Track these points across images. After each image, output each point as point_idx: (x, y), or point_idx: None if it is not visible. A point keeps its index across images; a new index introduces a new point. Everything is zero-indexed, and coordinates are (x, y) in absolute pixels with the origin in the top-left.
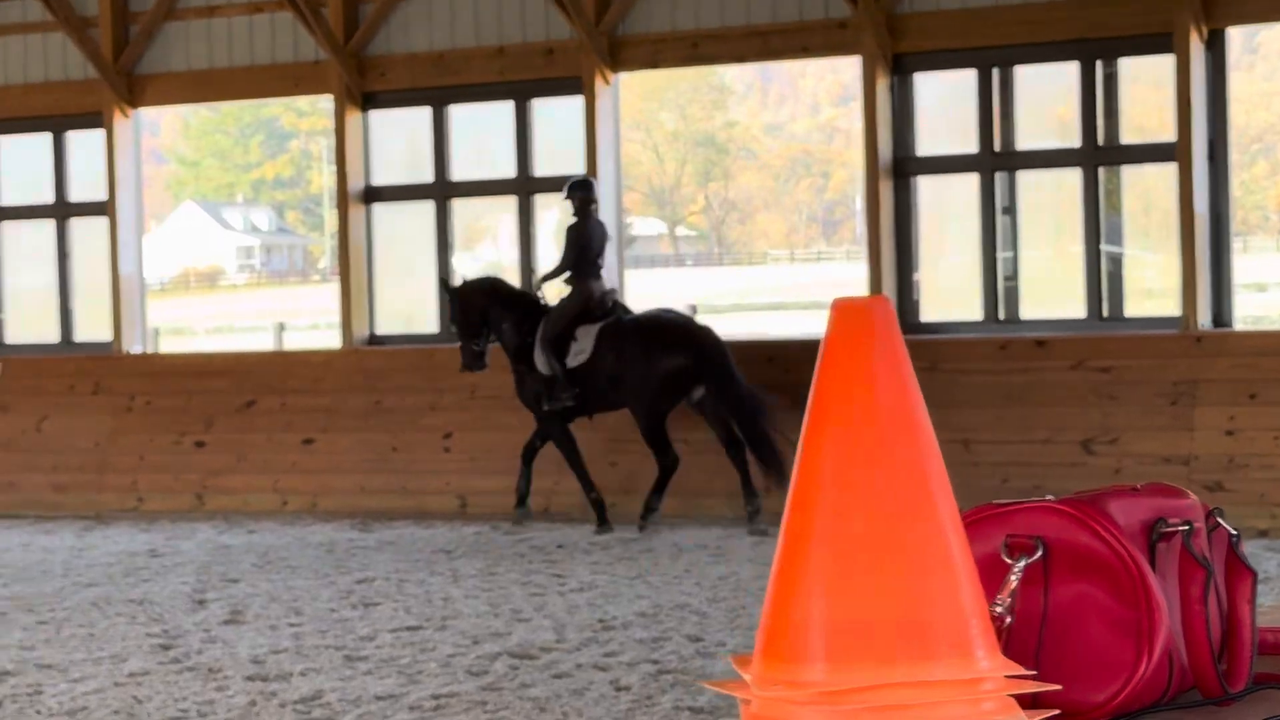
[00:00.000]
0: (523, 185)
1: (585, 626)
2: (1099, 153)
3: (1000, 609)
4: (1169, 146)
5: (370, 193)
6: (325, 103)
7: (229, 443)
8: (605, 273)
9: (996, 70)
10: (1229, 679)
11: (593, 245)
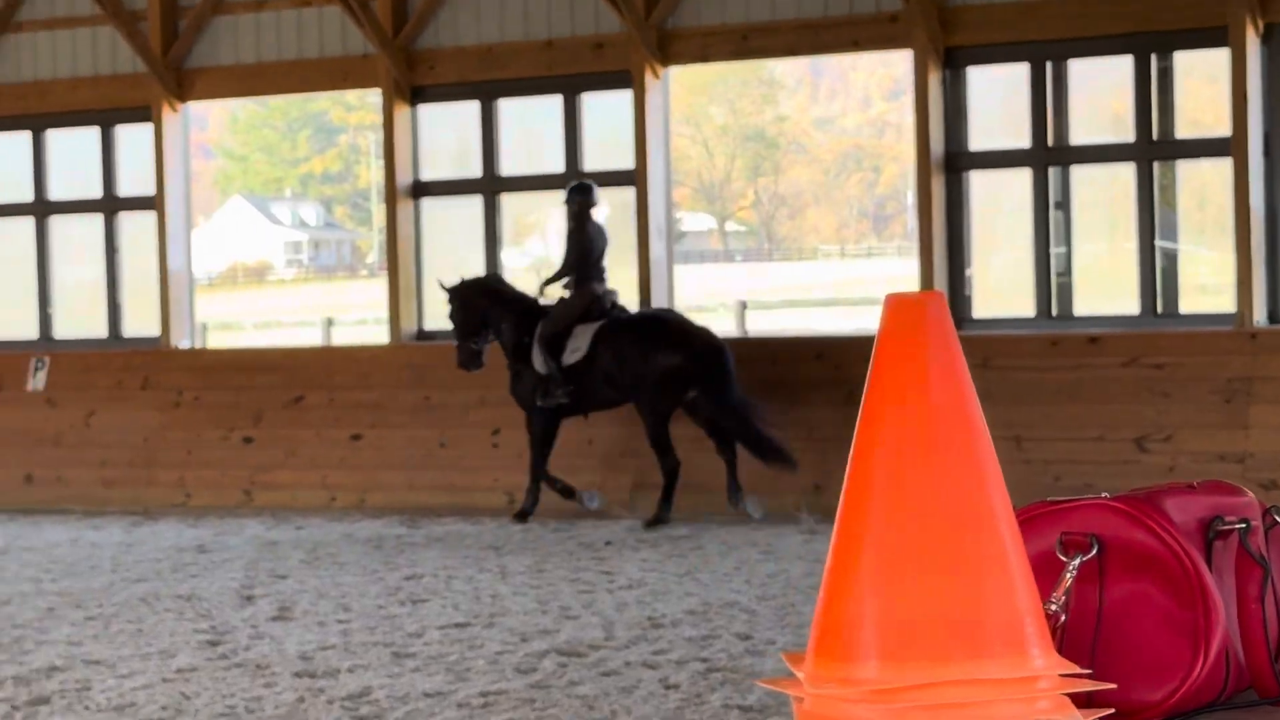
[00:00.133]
0: (571, 180)
1: (634, 624)
2: (1153, 147)
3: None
4: (1224, 141)
5: (418, 187)
6: (373, 97)
7: (277, 438)
8: (606, 276)
9: (1050, 64)
10: None
11: (594, 249)
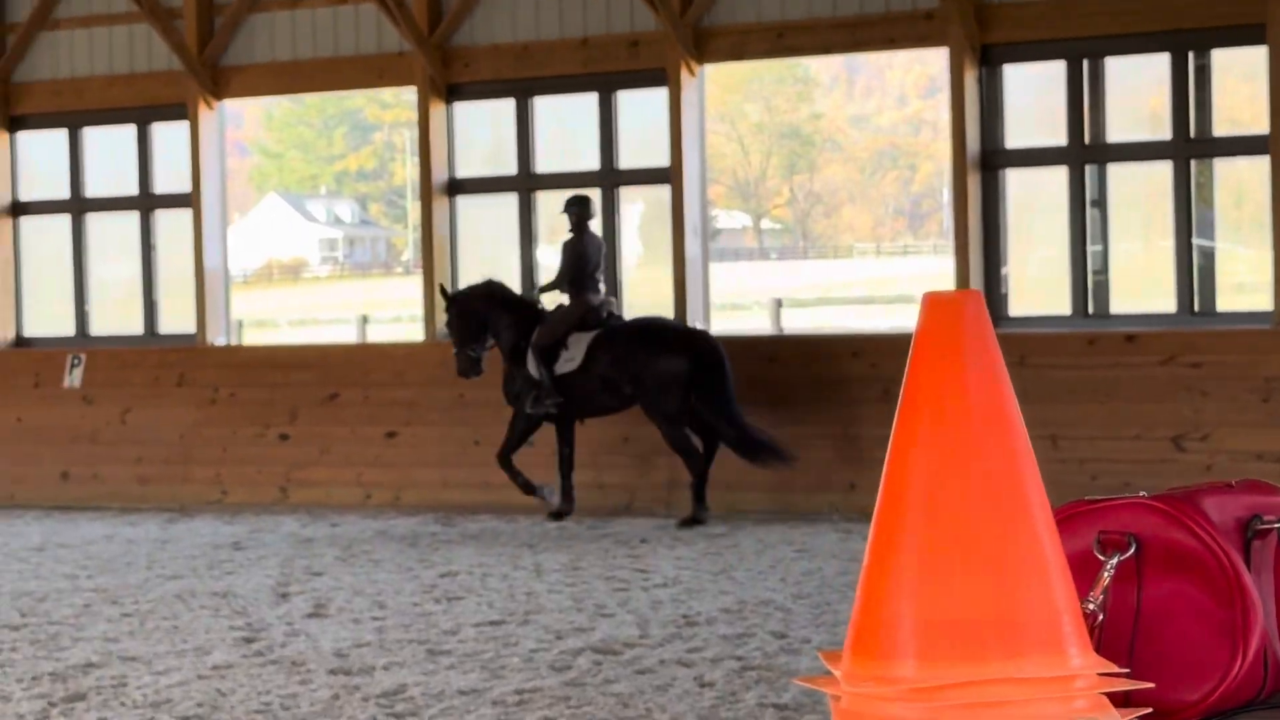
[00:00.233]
0: (607, 178)
1: (669, 622)
2: (1190, 145)
3: (1092, 606)
4: (1261, 139)
5: (454, 185)
6: (409, 94)
7: (312, 435)
8: (602, 286)
9: (1086, 62)
10: None
11: (590, 260)
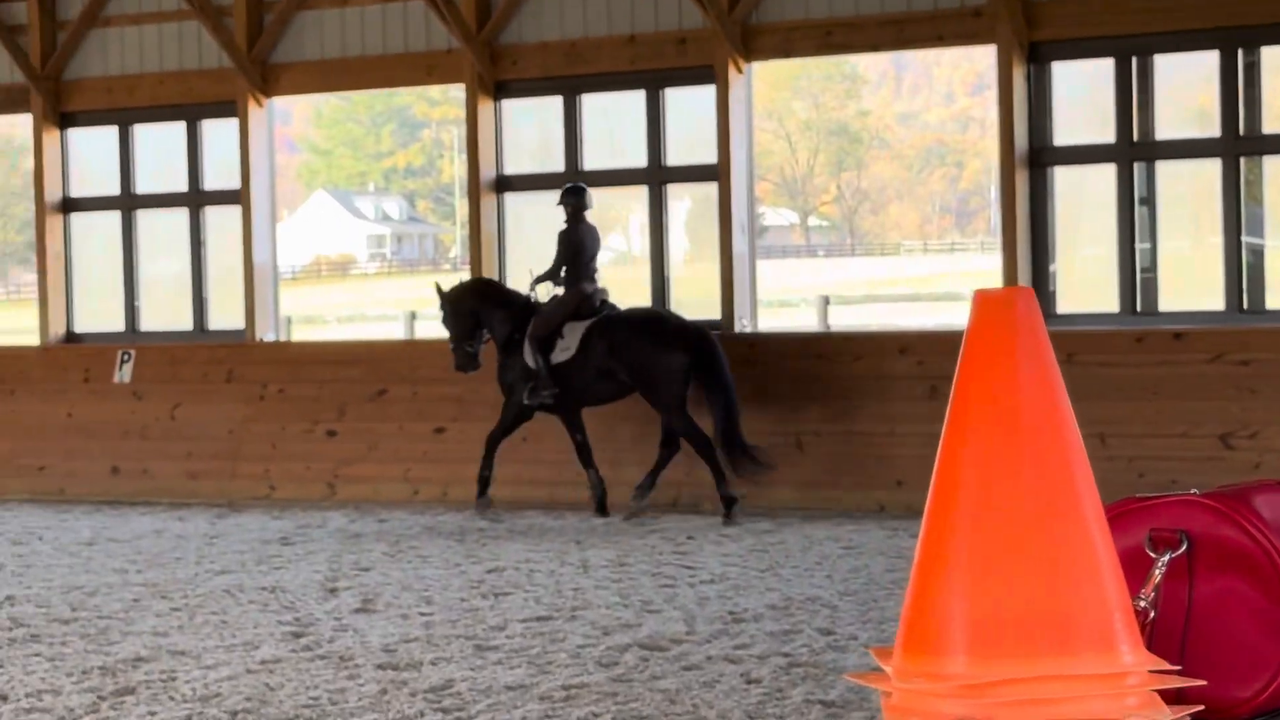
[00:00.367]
0: (654, 175)
1: (716, 618)
2: (1239, 143)
3: (1144, 603)
4: None
5: (502, 182)
6: (457, 91)
7: (360, 431)
8: (597, 276)
9: (1135, 59)
10: None
11: (585, 250)
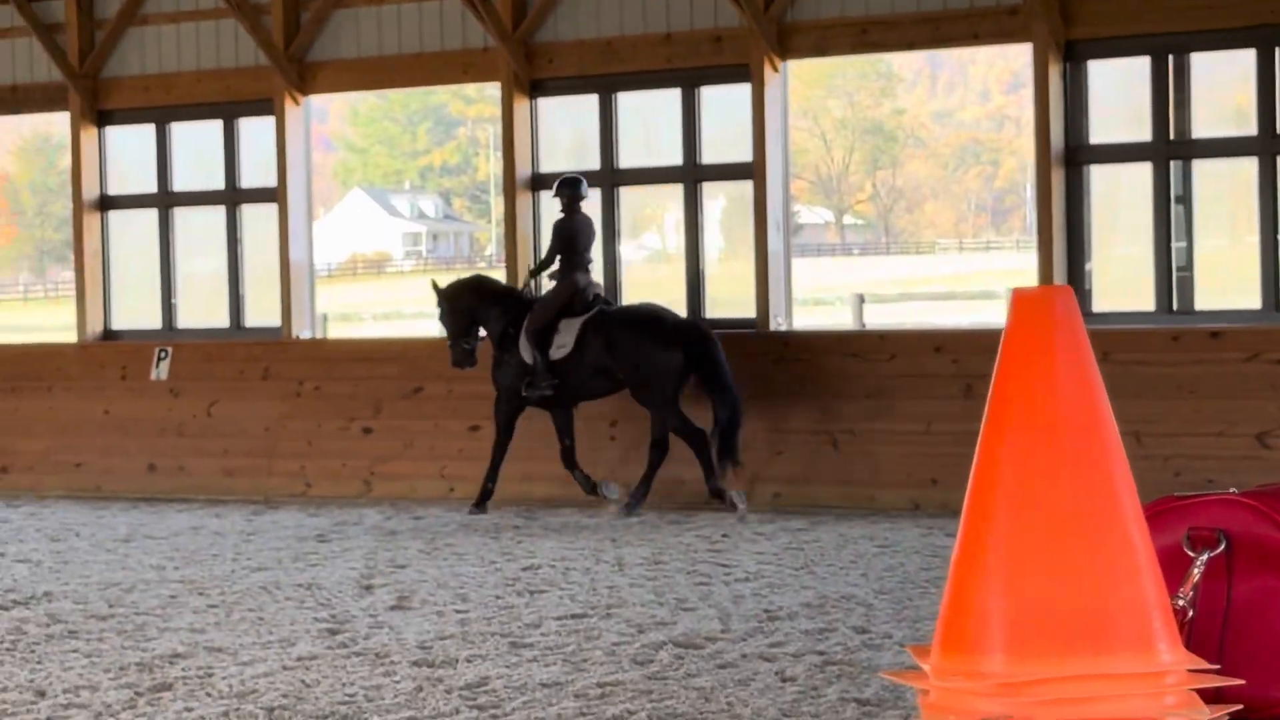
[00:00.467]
0: (690, 173)
1: (750, 616)
2: (1276, 141)
3: (1182, 602)
4: None
5: (537, 180)
6: (493, 90)
7: (396, 429)
8: (593, 267)
9: (1171, 57)
10: None
11: (579, 241)
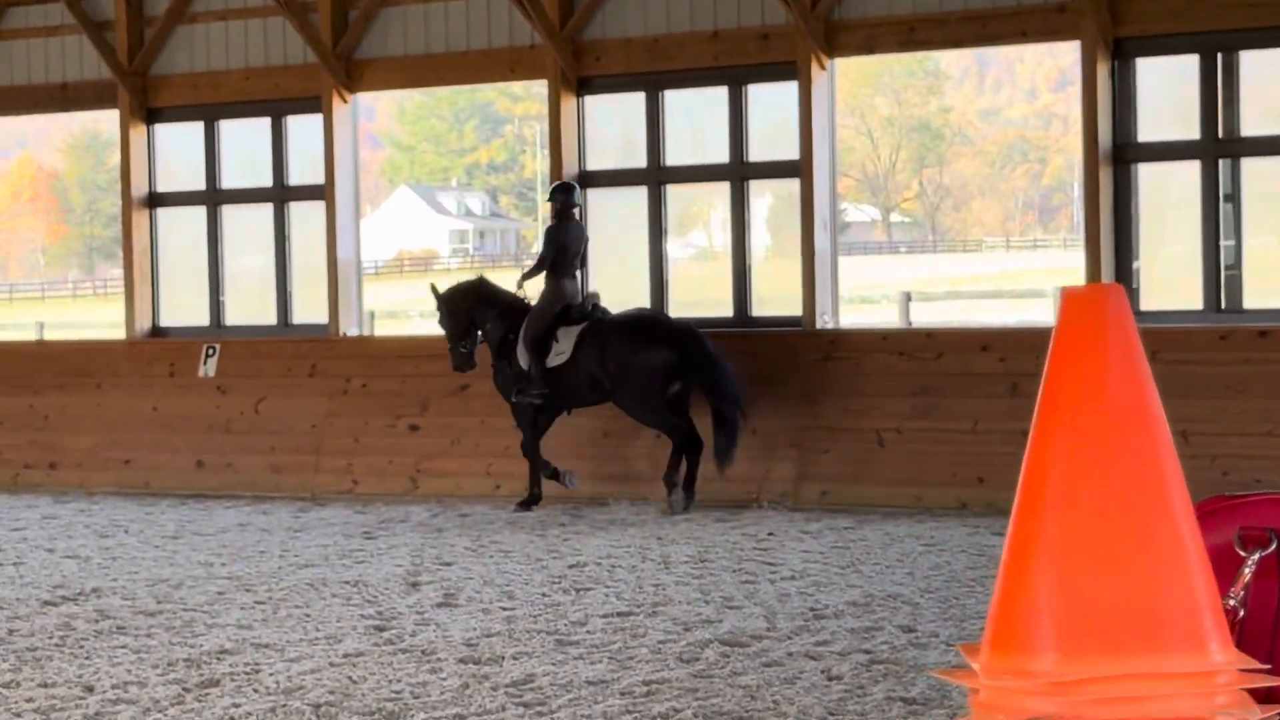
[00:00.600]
0: (737, 171)
1: (796, 615)
2: None
3: (1233, 602)
4: None
5: (584, 178)
6: (539, 88)
7: (443, 426)
8: (580, 273)
9: (1220, 55)
10: None
11: (570, 246)
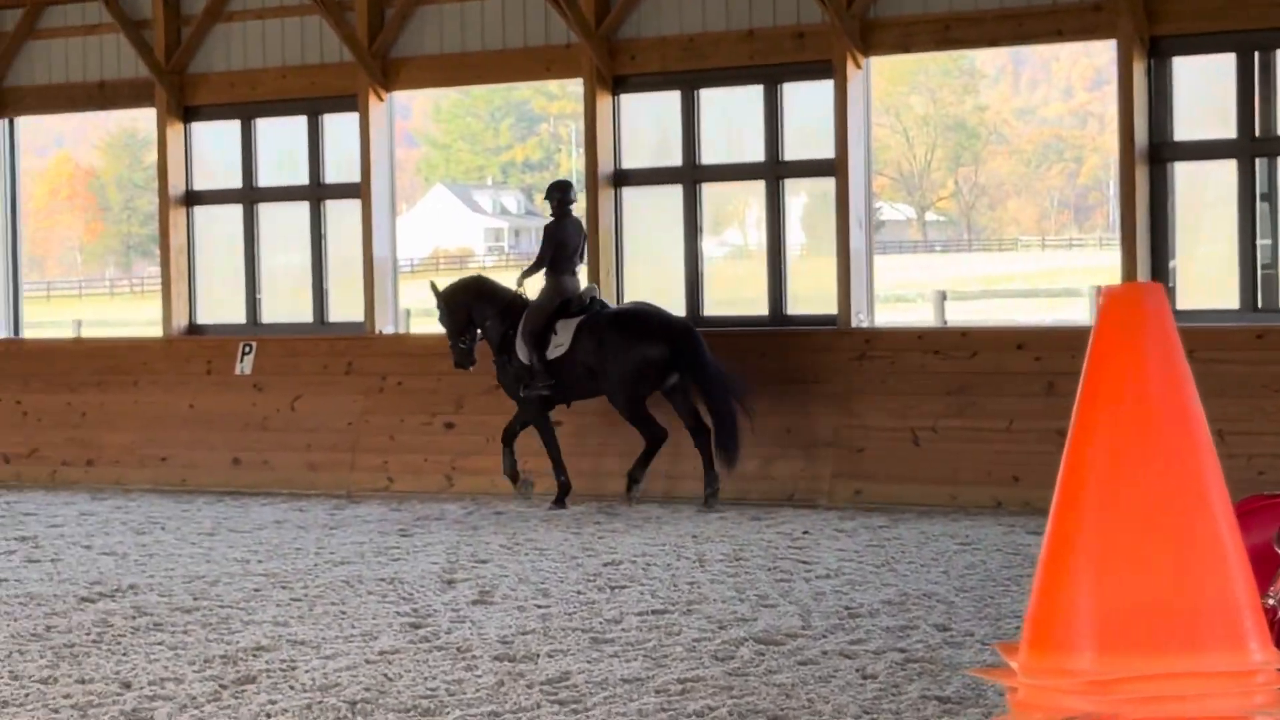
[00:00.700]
0: (772, 169)
1: (831, 613)
2: None
3: (1273, 601)
4: None
5: (620, 176)
6: (575, 86)
7: (478, 424)
8: (579, 269)
9: (1257, 54)
10: None
11: (568, 243)
